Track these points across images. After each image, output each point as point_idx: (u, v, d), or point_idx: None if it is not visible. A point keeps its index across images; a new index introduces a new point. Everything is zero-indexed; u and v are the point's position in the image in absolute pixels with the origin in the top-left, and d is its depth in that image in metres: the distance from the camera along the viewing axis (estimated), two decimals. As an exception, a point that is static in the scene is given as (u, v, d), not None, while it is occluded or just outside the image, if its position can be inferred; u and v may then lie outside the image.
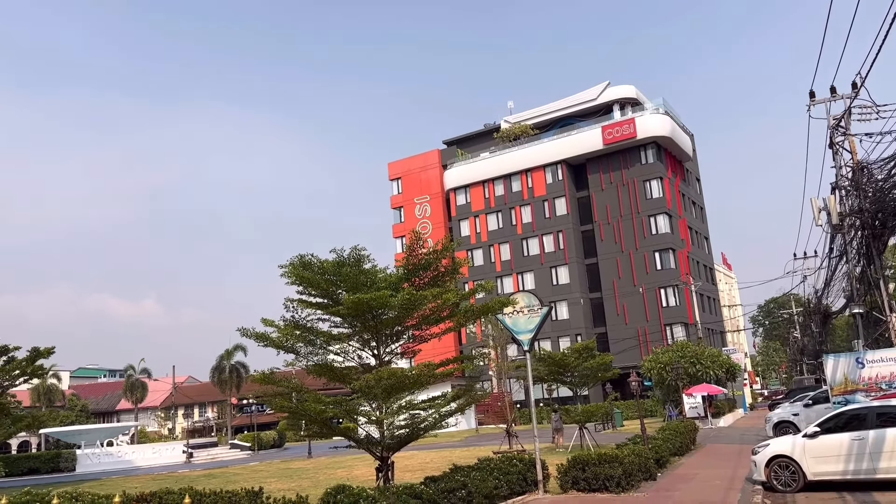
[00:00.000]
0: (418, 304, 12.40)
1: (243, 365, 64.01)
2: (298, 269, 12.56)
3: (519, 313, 15.29)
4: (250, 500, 10.52)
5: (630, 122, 65.42)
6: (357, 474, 23.43)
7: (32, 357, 20.81)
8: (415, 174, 78.39)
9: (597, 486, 14.20)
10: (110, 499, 11.85)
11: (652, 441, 18.60)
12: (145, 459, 39.28)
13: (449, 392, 13.16)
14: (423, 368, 12.22)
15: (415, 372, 12.18)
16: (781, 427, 24.76)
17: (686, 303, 62.34)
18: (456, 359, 13.77)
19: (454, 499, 12.09)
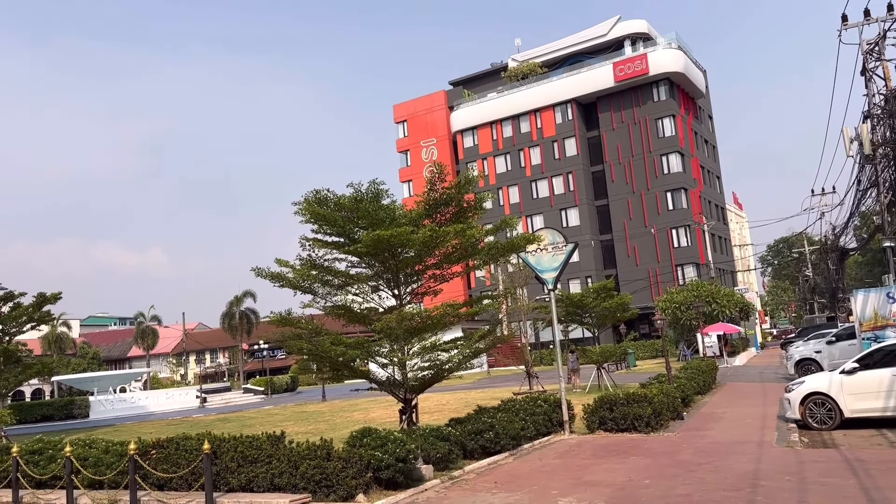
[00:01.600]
0: (440, 242, 11.74)
1: (253, 311, 64.23)
2: (313, 206, 11.87)
3: (543, 251, 14.62)
4: (272, 444, 10.06)
5: (642, 57, 63.52)
6: (373, 416, 23.22)
7: (39, 302, 20.35)
8: (421, 116, 76.87)
9: (625, 426, 13.77)
10: (125, 445, 11.44)
11: (676, 380, 18.16)
12: (159, 405, 39.40)
13: (477, 330, 12.62)
14: (446, 308, 11.63)
15: (438, 311, 11.59)
16: (803, 365, 24.29)
17: (698, 243, 61.63)
18: (479, 298, 13.18)
19: (481, 440, 11.67)
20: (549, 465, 10.75)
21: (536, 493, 8.73)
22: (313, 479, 9.32)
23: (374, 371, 12.70)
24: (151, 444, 10.93)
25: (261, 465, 9.87)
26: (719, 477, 8.83)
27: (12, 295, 19.86)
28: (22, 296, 20.15)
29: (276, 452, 9.89)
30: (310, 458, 9.52)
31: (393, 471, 9.24)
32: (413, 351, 12.24)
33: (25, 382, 26.52)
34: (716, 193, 72.48)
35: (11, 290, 19.89)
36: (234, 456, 10.05)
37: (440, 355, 12.22)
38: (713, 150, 75.04)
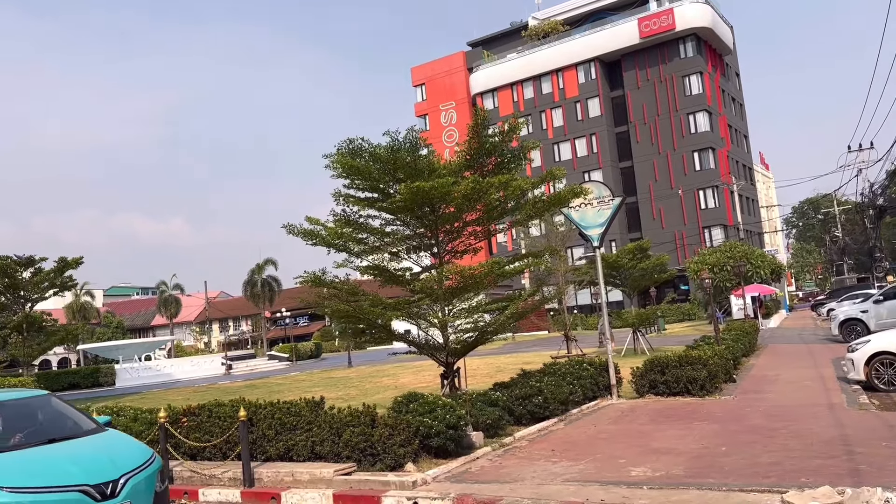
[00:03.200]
0: (483, 194, 10.90)
1: (275, 279, 64.00)
2: (346, 158, 11.05)
3: (588, 205, 13.75)
4: (311, 410, 9.41)
5: (668, 12, 61.51)
6: (403, 382, 22.65)
7: (60, 268, 19.83)
8: (439, 79, 75.39)
9: (677, 389, 12.99)
10: (154, 413, 10.86)
11: (723, 342, 17.33)
12: (184, 372, 39.23)
13: (525, 289, 11.83)
14: (492, 265, 10.84)
15: (482, 269, 10.80)
16: (848, 325, 23.33)
17: (726, 204, 60.31)
18: (523, 255, 12.37)
19: (530, 405, 10.96)
20: (606, 432, 10.03)
21: (602, 462, 8.01)
22: (357, 447, 8.66)
23: (414, 334, 11.99)
24: (182, 411, 10.34)
25: (300, 433, 9.24)
26: (804, 443, 8.05)
27: (33, 260, 19.33)
28: (43, 261, 19.66)
29: (315, 419, 9.25)
30: (353, 425, 8.86)
31: (443, 438, 8.55)
32: (455, 312, 11.51)
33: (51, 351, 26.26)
34: (743, 153, 70.74)
35: (32, 255, 19.39)
36: (271, 423, 9.42)
37: (483, 316, 11.47)
38: (741, 109, 73.06)
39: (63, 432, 6.90)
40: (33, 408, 7.36)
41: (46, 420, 7.25)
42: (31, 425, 7.06)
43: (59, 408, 7.57)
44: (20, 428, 6.88)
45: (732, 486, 6.43)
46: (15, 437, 6.68)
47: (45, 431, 6.92)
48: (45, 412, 7.37)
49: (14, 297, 19.90)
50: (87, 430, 7.10)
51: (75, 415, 7.49)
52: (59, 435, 6.77)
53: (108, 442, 6.89)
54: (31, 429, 6.98)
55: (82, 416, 7.50)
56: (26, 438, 6.64)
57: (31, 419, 7.18)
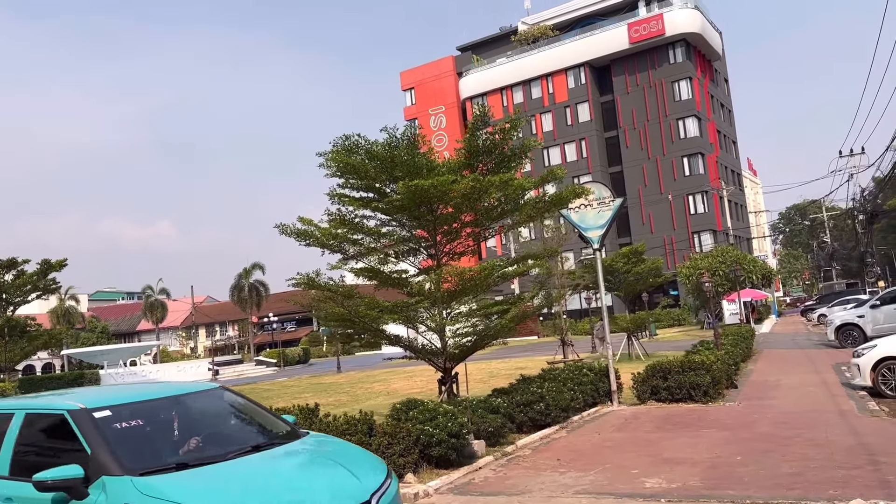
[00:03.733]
0: (483, 194, 10.55)
1: (262, 283, 63.31)
2: (342, 155, 10.66)
3: (587, 207, 13.43)
4: (305, 418, 8.99)
5: (658, 17, 61.56)
6: (395, 388, 22.23)
7: (43, 270, 19.22)
8: (429, 83, 75.07)
9: (680, 395, 12.67)
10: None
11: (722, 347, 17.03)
12: (170, 378, 38.52)
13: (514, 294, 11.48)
14: (492, 266, 10.47)
15: (483, 271, 10.43)
16: (844, 330, 23.14)
17: (715, 209, 60.32)
18: (524, 256, 12.00)
19: (531, 412, 10.60)
20: (612, 440, 9.66)
21: (613, 473, 7.63)
22: (354, 457, 8.24)
23: (410, 338, 11.59)
24: (170, 419, 9.86)
25: (294, 442, 8.81)
26: (823, 453, 7.72)
27: (15, 262, 18.72)
28: (26, 263, 19.06)
29: (310, 427, 8.82)
30: (350, 433, 8.43)
31: (445, 447, 8.16)
32: (453, 315, 11.13)
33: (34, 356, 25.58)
34: (732, 159, 70.89)
35: (14, 258, 18.80)
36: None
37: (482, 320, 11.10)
38: (729, 115, 73.26)
39: (263, 437, 5.27)
40: (213, 405, 5.65)
41: (233, 420, 5.61)
42: (218, 428, 5.43)
43: (239, 403, 5.82)
44: (209, 432, 5.23)
45: (756, 499, 6.08)
46: (210, 444, 4.95)
47: (240, 436, 5.29)
48: (226, 410, 5.67)
49: (-5, 300, 19.37)
50: (286, 432, 5.42)
51: (260, 412, 5.80)
52: (260, 440, 5.14)
53: (333, 449, 5.27)
54: (221, 432, 5.38)
55: (268, 415, 5.83)
56: (223, 446, 4.91)
57: (217, 420, 5.52)
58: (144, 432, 4.87)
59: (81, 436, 4.50)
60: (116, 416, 4.74)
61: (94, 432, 4.50)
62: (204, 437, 5.03)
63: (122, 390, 6.03)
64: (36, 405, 5.25)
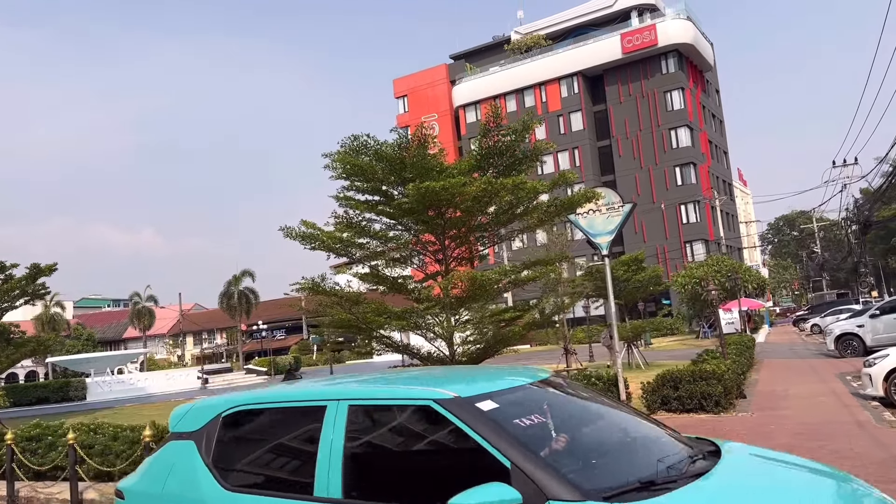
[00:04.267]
0: (494, 196, 10.24)
1: (252, 291, 62.67)
2: (349, 156, 10.33)
3: (596, 212, 13.14)
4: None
5: (651, 28, 61.78)
6: (392, 397, 21.86)
7: (32, 274, 18.71)
8: (422, 91, 74.93)
9: (691, 405, 12.37)
10: (136, 431, 9.98)
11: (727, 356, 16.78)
12: (159, 386, 37.91)
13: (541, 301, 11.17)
14: (504, 271, 10.16)
15: (494, 275, 10.11)
16: (844, 340, 22.99)
17: (707, 219, 60.42)
18: (535, 262, 11.69)
19: (544, 423, 10.22)
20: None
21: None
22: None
23: (416, 345, 11.23)
24: (167, 428, 9.44)
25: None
26: (855, 465, 7.42)
27: (3, 266, 18.22)
28: (14, 267, 18.54)
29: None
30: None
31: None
32: (462, 322, 10.79)
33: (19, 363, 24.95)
34: (723, 169, 71.12)
35: (2, 261, 18.26)
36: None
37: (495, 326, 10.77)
38: (720, 125, 73.58)
39: (681, 448, 3.62)
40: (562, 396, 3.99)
41: (604, 419, 3.96)
42: (597, 428, 3.80)
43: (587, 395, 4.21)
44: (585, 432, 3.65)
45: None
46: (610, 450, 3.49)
47: (638, 443, 3.69)
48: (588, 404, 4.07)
49: (-20, 306, 18.81)
50: (702, 450, 3.68)
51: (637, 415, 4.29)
52: (680, 452, 3.50)
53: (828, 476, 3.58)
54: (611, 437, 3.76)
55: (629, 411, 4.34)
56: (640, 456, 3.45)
57: (586, 416, 3.89)
58: (547, 433, 3.34)
59: (482, 439, 2.99)
60: (505, 410, 3.25)
61: (498, 433, 3.01)
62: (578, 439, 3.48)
63: (461, 372, 4.50)
64: (360, 393, 3.62)
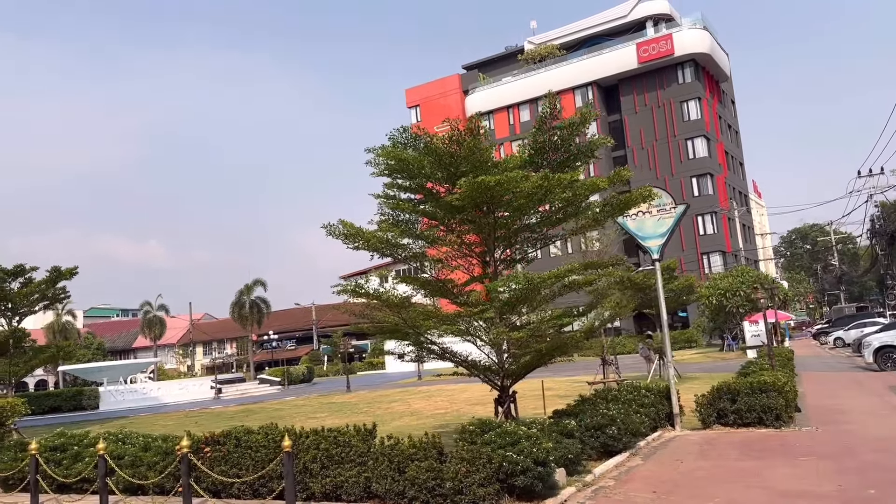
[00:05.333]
0: (549, 194, 9.62)
1: (264, 300, 62.10)
2: (396, 150, 9.74)
3: (646, 214, 12.53)
4: (363, 440, 7.98)
5: (667, 37, 61.26)
6: (418, 408, 21.13)
7: (53, 278, 18.18)
8: (434, 101, 74.43)
9: (750, 419, 11.66)
10: (168, 441, 9.36)
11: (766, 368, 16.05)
12: (172, 396, 37.32)
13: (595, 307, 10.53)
14: (560, 273, 9.51)
15: (549, 277, 9.45)
16: (884, 352, 22.24)
17: (724, 230, 59.64)
18: (589, 263, 11.02)
19: (603, 437, 9.56)
20: (701, 469, 8.64)
21: (732, 508, 6.61)
22: (425, 485, 7.21)
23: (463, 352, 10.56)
24: (204, 439, 8.82)
25: (350, 467, 7.79)
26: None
27: (23, 269, 17.69)
28: (33, 271, 18.03)
29: (369, 451, 7.80)
30: (418, 459, 7.42)
31: (531, 476, 7.11)
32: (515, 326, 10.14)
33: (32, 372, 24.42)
34: (739, 180, 70.34)
35: (22, 265, 17.76)
36: (315, 455, 7.95)
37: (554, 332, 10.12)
38: (736, 136, 72.86)
39: None
40: None
41: None
42: None
43: None
44: None
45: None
46: None
47: None
48: None
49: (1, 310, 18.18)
50: None
51: None
52: None
53: None
54: None
55: None
56: None
57: None
58: None
59: None
60: None
61: None
62: None
63: None
64: None
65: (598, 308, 11.20)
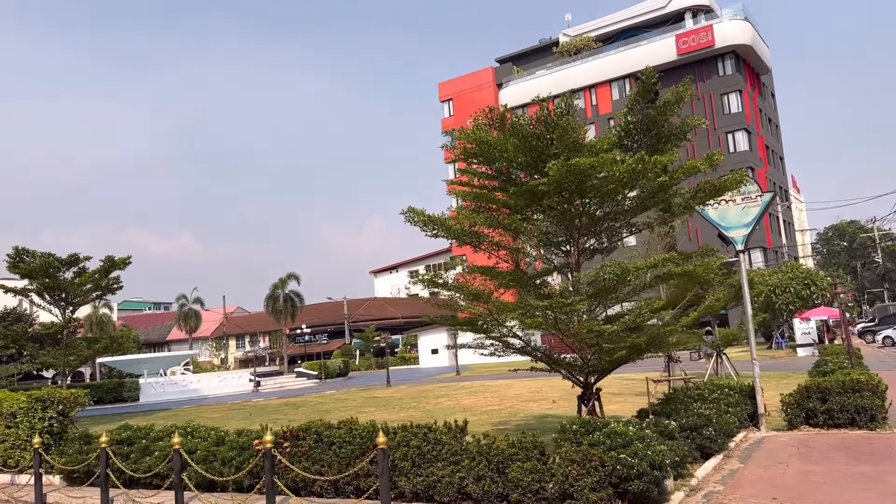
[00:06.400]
0: (643, 177, 9.03)
1: (297, 294, 62.05)
2: (479, 133, 9.23)
3: (729, 203, 11.90)
4: (454, 437, 7.50)
5: (707, 29, 59.96)
6: (467, 404, 20.64)
7: (106, 268, 17.97)
8: (467, 94, 73.79)
9: (841, 420, 10.99)
10: (242, 435, 8.97)
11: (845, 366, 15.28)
12: (211, 388, 37.23)
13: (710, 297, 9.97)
14: (662, 261, 8.94)
15: (644, 267, 8.89)
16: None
17: (766, 226, 58.22)
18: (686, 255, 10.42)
19: (700, 438, 8.96)
20: (815, 474, 8.02)
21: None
22: (530, 488, 6.70)
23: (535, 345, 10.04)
24: (283, 434, 8.40)
25: (442, 466, 7.30)
26: None
27: (77, 259, 17.51)
28: (87, 260, 17.82)
29: (463, 449, 7.31)
30: (517, 459, 6.91)
31: (647, 481, 6.55)
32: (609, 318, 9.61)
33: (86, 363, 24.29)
34: (779, 175, 68.75)
35: (76, 254, 17.58)
36: (406, 452, 7.48)
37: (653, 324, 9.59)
38: (776, 130, 71.23)
39: None
40: None
41: None
42: None
43: None
44: None
45: None
46: None
47: None
48: None
49: (55, 300, 18.04)
50: None
51: None
52: None
53: None
54: None
55: None
56: None
57: None
58: None
59: None
60: None
61: None
62: None
63: None
64: None
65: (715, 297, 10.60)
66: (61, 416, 10.47)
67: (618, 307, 10.57)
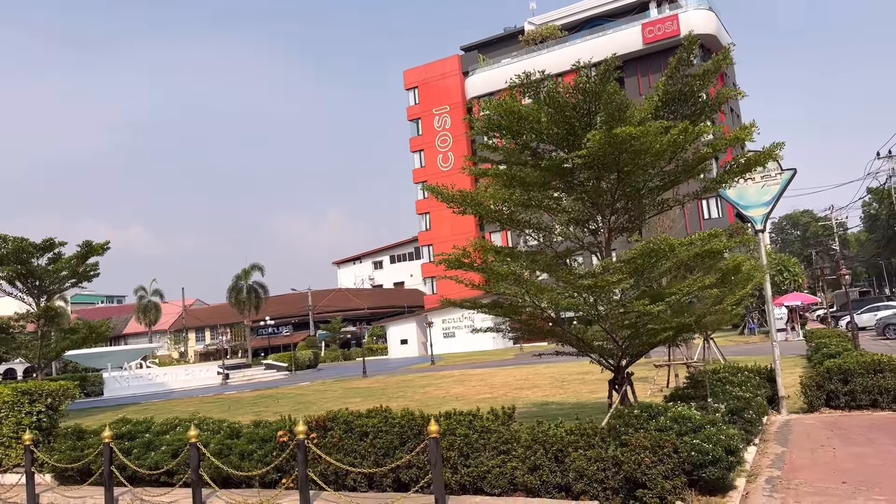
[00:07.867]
0: (683, 149, 8.65)
1: (261, 285, 60.65)
2: (510, 103, 8.69)
3: (748, 181, 11.63)
4: (503, 424, 7.00)
5: (672, 18, 60.33)
6: (457, 392, 20.19)
7: (83, 253, 16.87)
8: (433, 82, 73.10)
9: (864, 402, 10.83)
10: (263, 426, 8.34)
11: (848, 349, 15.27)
12: (178, 382, 36.05)
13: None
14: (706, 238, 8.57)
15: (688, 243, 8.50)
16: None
17: (728, 213, 59.08)
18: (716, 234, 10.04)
19: (741, 421, 8.59)
20: (870, 455, 7.74)
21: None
22: (595, 477, 6.22)
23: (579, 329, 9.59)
24: (311, 424, 7.77)
25: (492, 455, 6.77)
26: None
27: (53, 244, 16.38)
28: (62, 245, 16.69)
29: (515, 437, 6.79)
30: (576, 446, 6.43)
31: (721, 467, 6.14)
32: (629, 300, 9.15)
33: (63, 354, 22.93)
34: (741, 165, 69.85)
35: (51, 238, 16.43)
36: (453, 442, 6.93)
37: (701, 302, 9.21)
38: (738, 120, 72.18)
39: None
40: None
41: None
42: None
43: None
44: None
45: None
46: None
47: None
48: None
49: (28, 288, 16.86)
50: None
51: None
52: None
53: None
54: None
55: None
56: None
57: None
58: None
59: None
60: None
61: None
62: None
63: None
64: None
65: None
66: (50, 411, 9.62)
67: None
